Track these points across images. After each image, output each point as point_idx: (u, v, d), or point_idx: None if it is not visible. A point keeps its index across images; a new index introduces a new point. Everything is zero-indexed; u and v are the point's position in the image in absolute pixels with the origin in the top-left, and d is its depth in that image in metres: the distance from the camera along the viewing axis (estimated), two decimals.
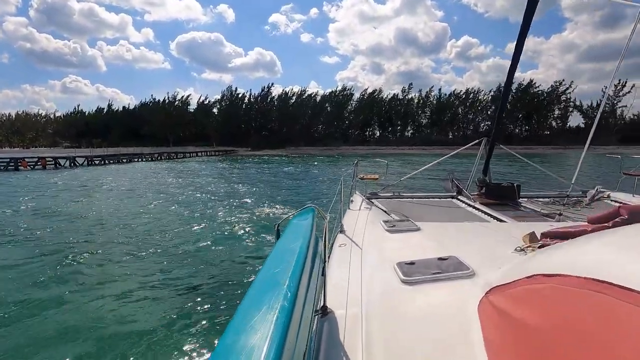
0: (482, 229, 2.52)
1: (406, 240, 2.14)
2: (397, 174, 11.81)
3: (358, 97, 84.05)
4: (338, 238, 2.32)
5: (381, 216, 3.04)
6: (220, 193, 14.41)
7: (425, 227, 2.36)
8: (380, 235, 2.26)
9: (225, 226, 8.18)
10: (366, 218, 2.87)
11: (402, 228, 2.34)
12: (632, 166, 5.45)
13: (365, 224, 2.62)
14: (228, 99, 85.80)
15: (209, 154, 56.00)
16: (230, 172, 26.42)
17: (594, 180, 20.17)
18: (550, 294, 0.84)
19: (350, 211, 3.31)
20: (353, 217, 2.95)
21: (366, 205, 3.54)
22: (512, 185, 4.25)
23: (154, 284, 4.97)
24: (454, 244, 2.03)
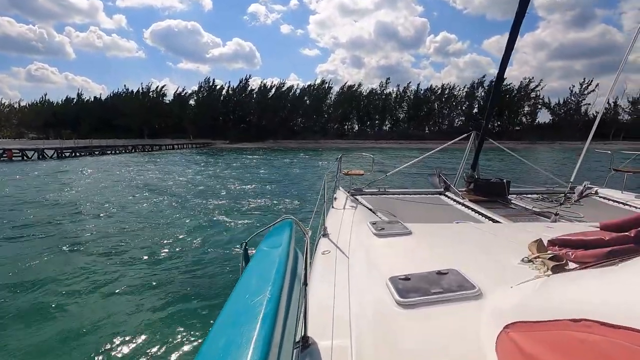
0: (477, 232, 2.31)
1: (397, 247, 1.93)
2: (382, 167, 12.20)
3: (337, 90, 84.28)
4: (321, 243, 2.11)
5: (367, 216, 2.86)
6: (192, 192, 14.05)
7: (416, 230, 2.15)
8: (367, 241, 2.03)
9: (193, 235, 7.35)
10: (351, 218, 2.68)
11: (391, 231, 2.11)
12: (620, 161, 5.48)
13: (350, 226, 2.42)
14: (205, 91, 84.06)
15: (186, 147, 54.98)
16: (206, 166, 26.13)
17: (569, 174, 21.06)
18: (614, 354, 0.61)
19: (333, 210, 3.11)
20: (337, 218, 2.74)
21: (351, 203, 3.33)
22: (501, 181, 4.15)
23: (112, 283, 4.91)
24: (451, 252, 1.84)
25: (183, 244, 6.76)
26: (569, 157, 38.49)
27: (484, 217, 3.13)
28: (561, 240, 1.50)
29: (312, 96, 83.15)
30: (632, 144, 61.60)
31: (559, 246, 1.49)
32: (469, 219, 3.12)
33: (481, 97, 79.31)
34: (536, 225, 2.46)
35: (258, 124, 79.88)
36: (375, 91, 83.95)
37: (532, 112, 78.75)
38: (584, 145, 4.59)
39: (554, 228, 2.03)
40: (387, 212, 3.25)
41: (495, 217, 3.05)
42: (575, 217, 3.20)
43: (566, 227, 2.26)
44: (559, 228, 2.13)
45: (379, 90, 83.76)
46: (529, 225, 2.55)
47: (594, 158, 28.45)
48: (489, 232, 2.26)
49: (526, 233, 1.88)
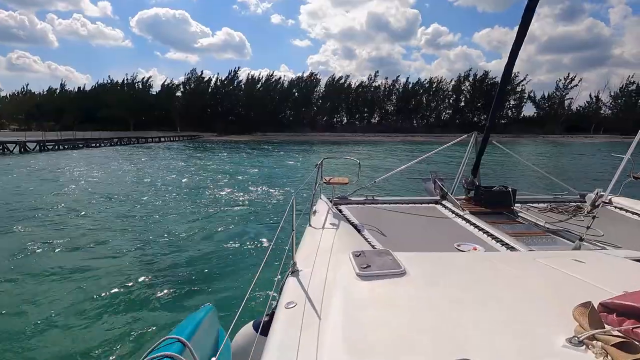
0: (488, 268, 1.79)
1: (386, 297, 1.43)
2: (372, 169, 11.81)
3: (326, 82, 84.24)
4: (287, 287, 1.62)
5: (351, 238, 2.46)
6: (171, 189, 14.02)
7: (411, 265, 1.67)
8: (348, 285, 1.55)
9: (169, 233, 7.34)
10: (331, 241, 2.26)
11: (379, 271, 1.61)
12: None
13: (329, 256, 1.96)
14: (193, 82, 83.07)
15: (173, 139, 54.54)
16: (187, 164, 26.14)
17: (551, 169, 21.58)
18: None
19: (311, 229, 2.65)
20: (314, 241, 2.32)
21: (332, 218, 2.86)
22: (506, 190, 3.69)
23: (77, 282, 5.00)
24: (460, 312, 1.27)
25: (159, 242, 6.84)
26: (550, 150, 39.53)
27: (490, 238, 2.65)
28: (620, 306, 1.01)
29: (300, 88, 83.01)
30: (612, 138, 63.51)
31: (617, 314, 1.02)
32: (472, 239, 2.66)
33: (468, 90, 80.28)
34: (559, 256, 1.94)
35: (246, 116, 79.51)
36: (364, 84, 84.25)
37: (517, 105, 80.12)
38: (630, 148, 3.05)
39: (585, 263, 1.65)
40: (375, 230, 2.84)
41: (504, 239, 2.58)
42: (600, 241, 2.65)
43: (597, 259, 1.84)
44: (589, 260, 1.74)
45: (368, 83, 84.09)
46: (551, 254, 2.02)
47: (591, 157, 28.77)
48: (505, 267, 1.75)
49: (551, 270, 1.56)
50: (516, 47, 3.31)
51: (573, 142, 57.86)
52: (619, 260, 1.84)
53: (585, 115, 76.50)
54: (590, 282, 1.41)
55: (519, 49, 3.34)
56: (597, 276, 1.48)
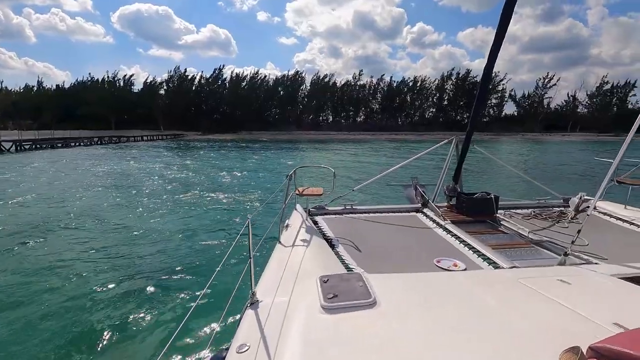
0: (468, 289, 1.66)
1: (352, 339, 1.26)
2: (352, 174, 11.34)
3: (311, 80, 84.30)
4: (244, 322, 1.48)
5: (323, 256, 2.33)
6: (149, 192, 13.99)
7: (385, 295, 1.53)
8: (310, 322, 1.39)
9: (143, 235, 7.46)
10: (300, 262, 2.11)
11: (346, 302, 1.47)
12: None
13: (293, 282, 1.81)
14: (176, 80, 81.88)
15: (156, 139, 53.80)
16: (164, 163, 25.86)
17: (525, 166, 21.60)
18: None
19: (279, 248, 2.48)
20: (281, 261, 2.18)
21: (305, 233, 2.72)
22: (488, 197, 3.58)
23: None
24: (436, 350, 1.18)
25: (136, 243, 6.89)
26: (530, 150, 40.67)
27: (472, 251, 2.55)
28: (611, 352, 0.95)
29: (286, 87, 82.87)
30: (587, 136, 65.74)
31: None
32: (453, 253, 2.55)
33: (450, 89, 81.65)
34: (544, 275, 1.81)
35: (231, 114, 78.93)
36: (349, 82, 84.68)
37: (499, 104, 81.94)
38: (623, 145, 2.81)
39: (571, 284, 1.59)
40: (351, 245, 2.69)
41: (486, 252, 2.48)
42: (585, 252, 2.54)
43: (584, 280, 1.74)
44: (575, 280, 1.67)
45: (353, 82, 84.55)
46: (535, 273, 1.88)
47: (569, 155, 29.42)
48: (487, 292, 1.62)
49: (536, 296, 1.48)
50: (495, 48, 3.21)
51: (551, 140, 59.65)
52: (606, 280, 1.74)
53: (562, 114, 78.88)
54: (578, 312, 1.34)
55: (498, 51, 3.23)
56: (585, 302, 1.41)
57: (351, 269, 2.18)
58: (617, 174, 3.78)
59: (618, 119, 71.37)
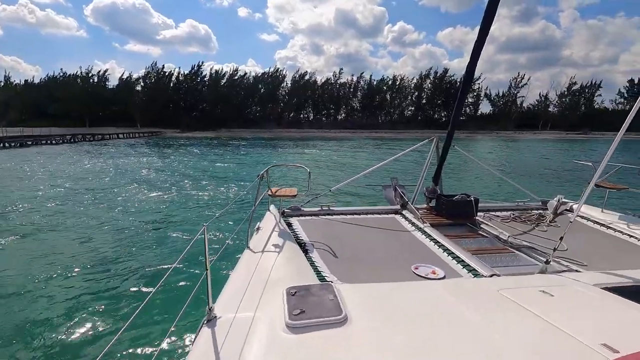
0: (449, 314, 1.50)
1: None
2: (331, 171, 10.64)
3: (292, 77, 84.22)
4: (198, 342, 1.37)
5: (294, 263, 2.20)
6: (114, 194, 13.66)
7: (357, 309, 1.44)
8: (273, 344, 1.28)
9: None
10: (270, 269, 2.01)
11: (316, 320, 1.36)
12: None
13: (261, 292, 1.71)
14: (153, 76, 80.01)
15: (133, 136, 52.59)
16: (139, 161, 25.30)
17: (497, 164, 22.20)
18: None
19: (247, 254, 2.36)
20: (248, 269, 2.06)
21: (277, 237, 2.59)
22: (468, 199, 3.54)
23: None
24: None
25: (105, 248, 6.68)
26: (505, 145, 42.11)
27: (451, 257, 2.48)
28: None
29: (267, 84, 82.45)
30: (557, 134, 68.65)
31: None
32: (432, 259, 2.48)
33: (429, 88, 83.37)
34: (526, 285, 1.76)
35: (211, 112, 77.90)
36: (330, 80, 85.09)
37: (475, 103, 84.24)
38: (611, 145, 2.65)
39: (554, 296, 1.55)
40: (326, 250, 2.57)
41: (466, 259, 2.40)
42: (566, 258, 2.52)
43: (566, 291, 1.69)
44: (558, 292, 1.62)
45: (333, 80, 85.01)
46: (516, 283, 1.83)
47: (541, 153, 30.30)
48: (466, 305, 1.54)
49: (519, 310, 1.42)
50: (478, 46, 3.14)
51: (524, 138, 61.97)
52: (590, 292, 1.68)
53: (535, 113, 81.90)
54: (562, 330, 1.29)
55: (480, 50, 3.16)
56: (569, 318, 1.36)
57: (324, 277, 2.05)
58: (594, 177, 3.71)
59: (586, 118, 75.06)
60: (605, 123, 71.93)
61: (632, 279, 1.89)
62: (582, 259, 2.51)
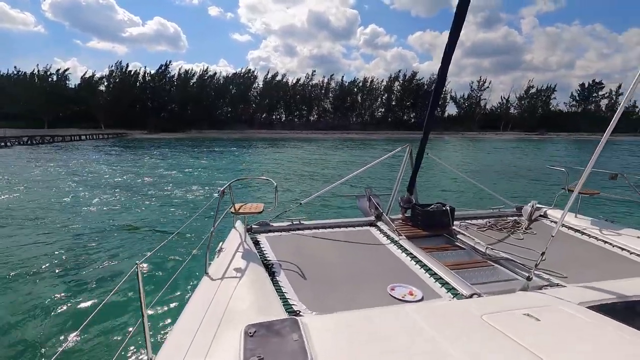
0: (429, 352, 1.36)
1: None
2: (303, 167, 9.48)
3: (263, 78, 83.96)
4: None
5: (258, 289, 2.02)
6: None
7: (326, 348, 1.33)
8: None
9: None
10: (228, 300, 1.85)
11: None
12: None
13: (215, 330, 1.56)
14: (118, 76, 77.24)
15: (96, 138, 50.70)
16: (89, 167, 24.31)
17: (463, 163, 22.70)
18: None
19: (205, 281, 2.16)
20: (204, 298, 1.90)
21: (240, 259, 2.43)
22: (444, 208, 3.48)
23: None
24: None
25: None
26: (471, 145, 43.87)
27: (429, 274, 2.38)
28: None
29: (238, 85, 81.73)
30: (517, 134, 72.55)
31: None
32: (409, 277, 2.36)
33: (398, 90, 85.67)
34: (509, 307, 1.66)
35: (180, 112, 76.20)
36: (301, 81, 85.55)
37: (442, 105, 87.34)
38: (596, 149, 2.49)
39: (540, 320, 1.49)
40: (295, 271, 2.41)
41: (445, 276, 2.31)
42: (546, 271, 2.45)
43: (552, 314, 1.60)
44: (543, 315, 1.55)
45: (305, 81, 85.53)
46: (498, 306, 1.72)
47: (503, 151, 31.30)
48: (447, 338, 1.41)
49: (505, 341, 1.35)
50: (449, 51, 3.07)
51: (487, 138, 65.02)
52: (577, 313, 1.58)
53: (497, 115, 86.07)
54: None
55: (451, 54, 3.09)
56: (559, 350, 1.30)
57: (291, 306, 1.89)
58: (567, 182, 3.82)
59: (542, 120, 79.78)
60: (559, 124, 76.99)
61: (616, 295, 1.80)
62: (561, 269, 2.46)
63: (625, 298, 1.79)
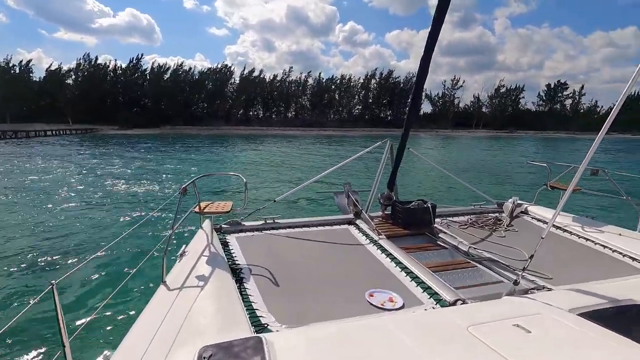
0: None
1: None
2: (280, 164, 7.58)
3: (240, 74, 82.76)
4: None
5: (221, 298, 1.83)
6: None
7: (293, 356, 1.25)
8: None
9: None
10: (187, 311, 1.65)
11: None
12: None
13: (168, 348, 1.39)
14: (86, 69, 73.91)
15: (63, 133, 48.54)
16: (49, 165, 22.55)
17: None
18: None
19: (162, 291, 1.94)
20: (158, 314, 1.67)
21: (206, 264, 2.20)
22: (425, 206, 3.38)
23: None
24: None
25: None
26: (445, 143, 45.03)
27: (410, 278, 2.26)
28: None
29: (214, 80, 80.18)
30: (488, 132, 75.31)
31: None
32: (389, 281, 2.24)
33: (375, 88, 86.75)
34: (498, 317, 1.57)
35: (154, 107, 73.96)
36: (278, 77, 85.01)
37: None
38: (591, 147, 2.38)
39: (531, 332, 1.41)
40: (266, 276, 2.22)
41: (426, 279, 2.20)
42: (532, 272, 2.34)
43: (542, 323, 1.52)
44: (533, 324, 1.47)
45: (283, 77, 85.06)
46: (486, 315, 1.62)
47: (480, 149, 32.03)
48: (427, 349, 1.33)
49: (490, 347, 1.29)
50: (429, 47, 3.03)
51: (460, 135, 67.14)
52: (567, 321, 1.51)
53: (470, 113, 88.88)
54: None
55: (432, 52, 3.05)
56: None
57: (259, 319, 1.71)
58: (549, 178, 3.84)
59: (512, 118, 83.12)
60: (528, 123, 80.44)
61: (605, 299, 1.75)
62: (546, 269, 2.39)
63: (616, 303, 1.73)
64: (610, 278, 2.24)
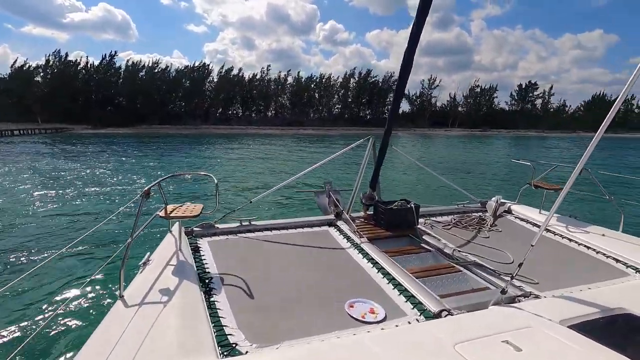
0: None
1: None
2: (257, 164, 7.03)
3: (218, 72, 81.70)
4: None
5: (187, 311, 1.67)
6: None
7: None
8: None
9: None
10: (147, 329, 1.48)
11: None
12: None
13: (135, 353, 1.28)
14: (56, 66, 70.98)
15: (31, 133, 46.55)
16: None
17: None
18: None
19: (118, 308, 1.71)
20: (110, 335, 1.46)
21: (172, 275, 2.02)
22: (409, 206, 3.30)
23: None
24: None
25: None
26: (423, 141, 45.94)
27: (392, 285, 2.15)
28: None
29: (192, 78, 78.71)
30: (463, 131, 77.48)
31: None
32: (370, 289, 2.13)
33: (354, 87, 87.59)
34: (489, 333, 1.47)
35: (129, 106, 71.89)
36: (256, 76, 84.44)
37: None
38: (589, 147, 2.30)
39: (522, 350, 1.32)
40: (238, 286, 2.06)
41: (410, 287, 2.09)
42: (518, 276, 2.19)
43: (534, 338, 1.44)
44: (520, 336, 1.42)
45: (261, 76, 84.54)
46: (474, 327, 1.56)
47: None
48: None
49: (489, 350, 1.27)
50: (412, 44, 2.96)
51: (437, 134, 68.75)
52: (559, 336, 1.45)
53: (446, 112, 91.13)
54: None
55: (414, 49, 2.99)
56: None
57: (227, 337, 1.56)
58: (533, 177, 3.78)
59: (486, 117, 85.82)
60: (501, 122, 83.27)
61: (596, 307, 1.70)
62: (531, 273, 2.29)
63: (605, 312, 1.67)
64: (597, 281, 2.23)
